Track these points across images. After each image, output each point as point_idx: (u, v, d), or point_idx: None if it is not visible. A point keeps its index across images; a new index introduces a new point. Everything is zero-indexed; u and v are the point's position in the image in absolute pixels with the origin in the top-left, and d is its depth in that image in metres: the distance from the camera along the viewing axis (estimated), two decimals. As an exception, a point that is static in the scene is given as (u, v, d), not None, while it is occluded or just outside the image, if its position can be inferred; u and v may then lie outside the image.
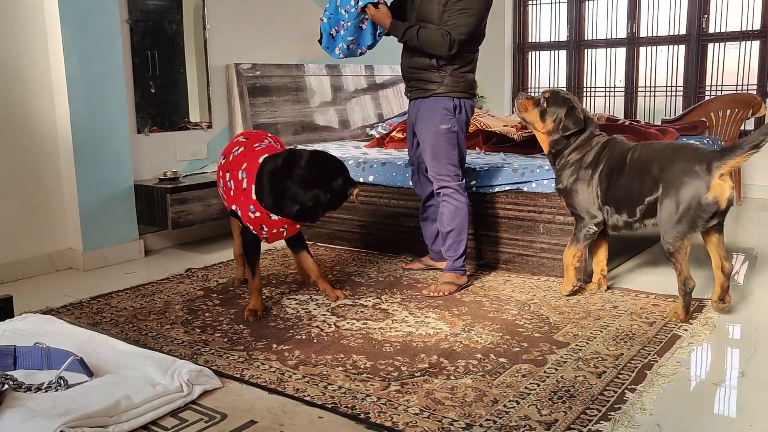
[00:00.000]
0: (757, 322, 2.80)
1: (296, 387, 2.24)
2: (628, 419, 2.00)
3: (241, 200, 2.85)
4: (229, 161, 2.98)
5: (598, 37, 6.42)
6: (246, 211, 2.85)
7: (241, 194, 2.85)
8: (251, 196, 2.81)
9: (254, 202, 2.81)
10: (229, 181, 2.94)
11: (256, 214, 2.83)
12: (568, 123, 2.98)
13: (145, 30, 4.13)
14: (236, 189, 2.89)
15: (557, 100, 3.02)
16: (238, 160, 2.94)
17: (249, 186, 2.82)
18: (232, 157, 2.98)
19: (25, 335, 2.22)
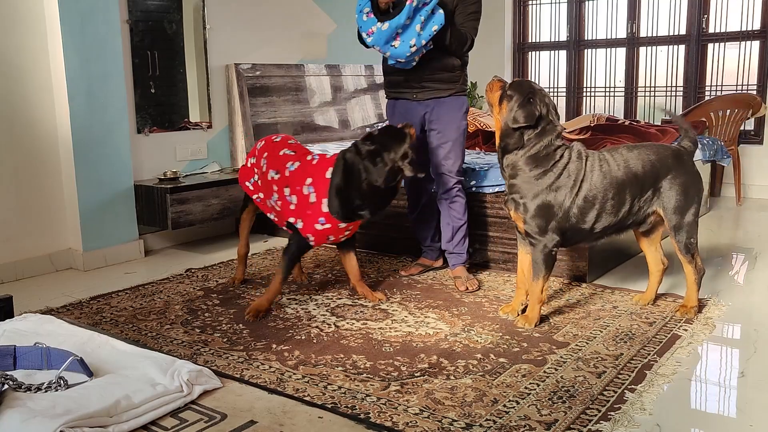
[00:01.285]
0: (757, 322, 2.81)
1: (296, 387, 2.24)
2: (627, 419, 2.00)
3: (307, 213, 2.91)
4: (285, 176, 2.99)
5: (598, 37, 6.42)
6: (312, 224, 2.90)
7: (308, 207, 2.91)
8: (321, 209, 2.87)
9: (325, 214, 2.87)
10: (290, 196, 2.96)
11: (325, 225, 2.89)
12: (519, 114, 2.65)
13: (145, 30, 4.13)
14: (300, 203, 2.93)
15: (520, 88, 2.71)
16: (297, 174, 2.97)
17: (318, 200, 2.88)
18: (288, 172, 2.99)
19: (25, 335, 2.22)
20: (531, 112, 2.65)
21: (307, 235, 2.93)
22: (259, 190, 3.16)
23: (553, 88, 6.66)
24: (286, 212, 3.00)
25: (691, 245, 2.83)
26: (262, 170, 3.12)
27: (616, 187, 2.75)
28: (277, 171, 3.04)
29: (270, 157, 3.11)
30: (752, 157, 5.58)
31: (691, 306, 2.87)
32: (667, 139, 4.10)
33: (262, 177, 3.11)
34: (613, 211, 2.77)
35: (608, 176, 2.75)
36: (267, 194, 3.10)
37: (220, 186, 4.15)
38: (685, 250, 2.83)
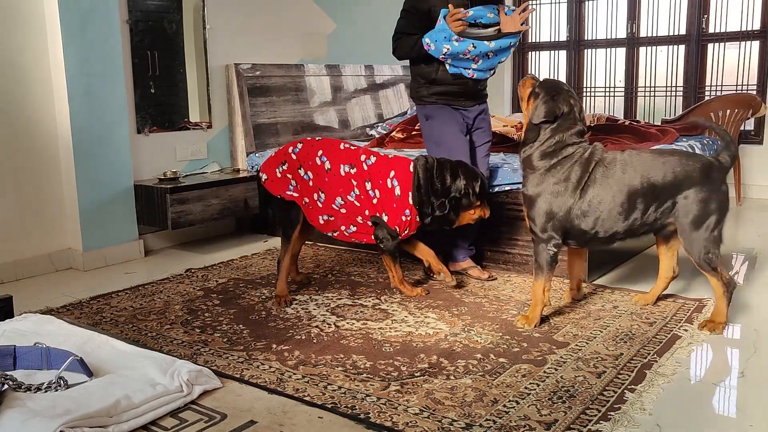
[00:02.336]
0: (757, 322, 2.81)
1: (296, 387, 2.24)
2: (627, 419, 2.00)
3: (393, 206, 2.98)
4: (363, 170, 3.02)
5: (598, 37, 6.42)
6: (399, 215, 2.98)
7: (393, 201, 2.98)
8: (407, 201, 2.98)
9: (410, 206, 2.98)
10: (372, 190, 3.01)
11: (409, 217, 2.99)
12: (540, 110, 2.74)
13: (145, 30, 4.13)
14: (384, 196, 2.99)
15: (546, 86, 2.81)
16: (379, 168, 3.02)
17: (404, 192, 2.98)
18: (366, 166, 3.03)
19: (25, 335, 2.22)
20: (551, 109, 2.73)
21: (395, 227, 3.00)
22: (305, 194, 3.08)
23: (553, 88, 6.66)
24: (367, 207, 3.02)
25: (709, 260, 2.67)
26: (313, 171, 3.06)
27: (628, 193, 2.68)
28: (353, 165, 3.03)
29: (331, 152, 3.07)
30: (752, 157, 5.58)
31: (718, 321, 2.70)
32: (667, 139, 4.10)
33: (318, 177, 3.05)
34: (622, 217, 2.70)
35: (620, 181, 2.69)
36: (332, 192, 3.04)
37: (220, 186, 4.15)
38: (704, 264, 2.69)
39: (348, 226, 3.09)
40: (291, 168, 3.08)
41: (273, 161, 3.14)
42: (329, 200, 3.05)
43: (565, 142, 2.74)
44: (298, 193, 3.08)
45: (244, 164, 4.58)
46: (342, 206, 3.05)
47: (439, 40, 3.17)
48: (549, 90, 2.79)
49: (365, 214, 3.03)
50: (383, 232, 3.02)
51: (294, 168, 3.08)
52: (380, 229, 3.03)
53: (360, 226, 3.07)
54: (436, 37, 3.18)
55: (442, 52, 3.19)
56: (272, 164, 3.13)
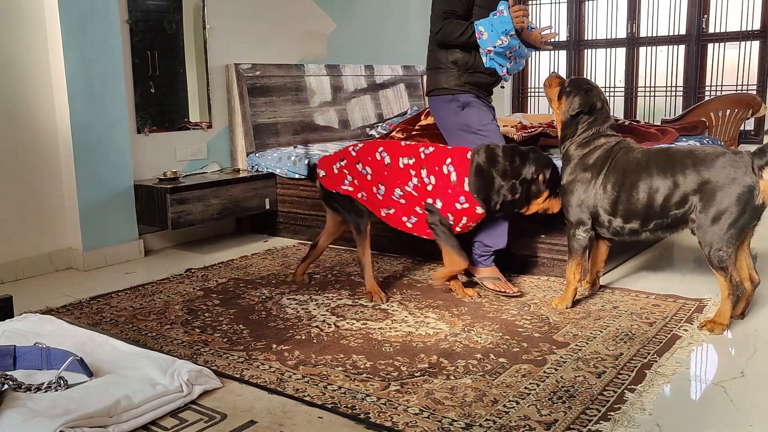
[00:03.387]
0: (756, 322, 2.80)
1: (296, 387, 2.24)
2: (627, 419, 2.00)
3: (447, 192, 2.93)
4: (421, 159, 3.00)
5: (597, 37, 6.42)
6: (452, 203, 2.93)
7: (448, 186, 2.93)
8: (463, 188, 2.91)
9: (466, 193, 2.91)
10: (428, 176, 2.97)
11: (464, 205, 2.93)
12: (575, 102, 2.93)
13: (145, 30, 4.14)
14: (440, 182, 2.95)
15: (579, 84, 3.02)
16: (435, 155, 2.99)
17: (460, 178, 2.92)
18: (424, 155, 3.00)
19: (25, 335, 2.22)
20: (587, 100, 2.94)
21: (448, 215, 2.94)
22: (363, 189, 3.10)
23: (553, 88, 6.66)
24: (423, 194, 2.98)
25: (719, 258, 2.65)
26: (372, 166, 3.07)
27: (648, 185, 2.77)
28: (411, 156, 3.02)
29: (391, 148, 3.07)
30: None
31: (719, 322, 2.67)
32: (666, 139, 4.10)
33: (378, 172, 3.06)
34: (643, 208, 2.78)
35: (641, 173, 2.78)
36: (391, 184, 3.04)
37: (220, 186, 4.15)
38: (713, 261, 2.67)
39: (408, 217, 3.06)
40: (349, 164, 3.11)
41: (331, 158, 3.18)
42: (389, 192, 3.05)
43: (601, 133, 2.94)
44: (354, 188, 3.10)
45: (244, 164, 4.59)
46: (401, 197, 3.04)
47: (495, 31, 3.05)
48: (582, 84, 3.00)
49: (422, 204, 2.99)
50: (434, 218, 2.97)
51: (352, 164, 3.10)
52: (433, 215, 2.98)
53: (420, 216, 3.03)
54: (493, 27, 3.06)
55: (493, 44, 3.07)
56: (330, 161, 3.17)
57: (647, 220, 2.82)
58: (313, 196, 4.32)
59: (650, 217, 2.81)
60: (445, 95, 3.27)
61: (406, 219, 3.07)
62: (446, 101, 3.27)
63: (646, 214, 2.80)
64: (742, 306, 2.81)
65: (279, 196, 4.47)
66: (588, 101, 2.94)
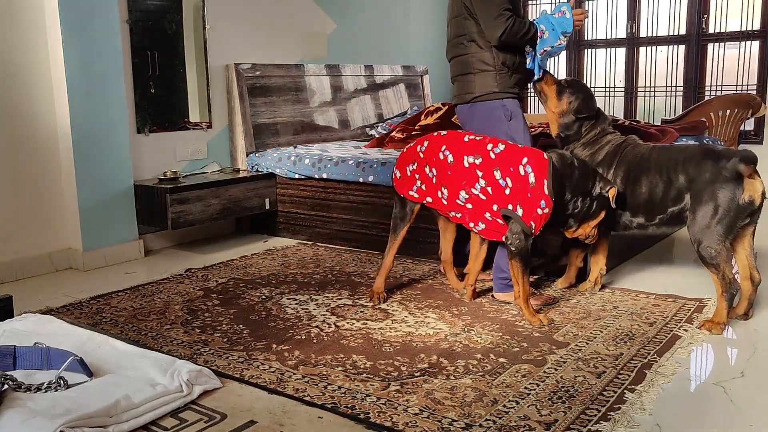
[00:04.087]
0: (756, 322, 2.80)
1: (296, 387, 2.24)
2: (627, 419, 2.00)
3: (527, 197, 2.69)
4: (491, 159, 2.76)
5: (597, 37, 6.42)
6: (534, 208, 2.71)
7: (527, 190, 2.70)
8: (543, 191, 2.68)
9: (546, 197, 2.69)
10: (503, 179, 2.73)
11: (545, 210, 2.71)
12: (582, 106, 3.02)
13: (145, 30, 4.13)
14: (517, 186, 2.71)
15: (578, 86, 3.11)
16: (508, 154, 2.75)
17: (539, 180, 2.69)
18: (494, 154, 2.77)
19: (25, 335, 2.22)
20: (593, 106, 3.06)
21: (530, 223, 2.70)
22: (429, 193, 2.95)
23: (553, 88, 6.66)
24: (497, 199, 2.75)
25: (708, 254, 2.68)
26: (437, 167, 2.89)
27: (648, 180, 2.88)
28: (477, 155, 2.79)
29: (454, 145, 2.87)
30: (752, 157, 5.57)
31: (717, 322, 2.69)
32: (666, 139, 4.10)
33: (441, 173, 2.88)
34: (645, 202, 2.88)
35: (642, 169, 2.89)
36: (455, 186, 2.85)
37: (220, 186, 4.15)
38: (703, 257, 2.71)
39: (476, 223, 2.85)
40: (419, 167, 2.97)
41: (405, 159, 3.04)
42: (453, 195, 2.86)
43: (606, 131, 3.06)
44: (420, 194, 2.98)
45: (244, 164, 4.59)
46: (467, 200, 2.83)
47: (555, 31, 2.95)
48: (584, 88, 3.11)
49: (493, 210, 2.76)
50: (517, 228, 2.72)
51: (422, 167, 2.96)
52: (514, 224, 2.72)
53: (489, 223, 2.81)
54: (553, 27, 2.98)
55: (552, 45, 2.99)
56: (404, 162, 3.04)
57: (651, 215, 2.91)
58: (313, 196, 4.32)
59: (653, 211, 2.90)
60: (493, 101, 3.02)
61: (474, 225, 2.88)
62: (495, 108, 3.03)
63: (649, 209, 2.89)
64: (745, 306, 2.81)
65: (279, 196, 4.47)
66: (592, 107, 3.05)
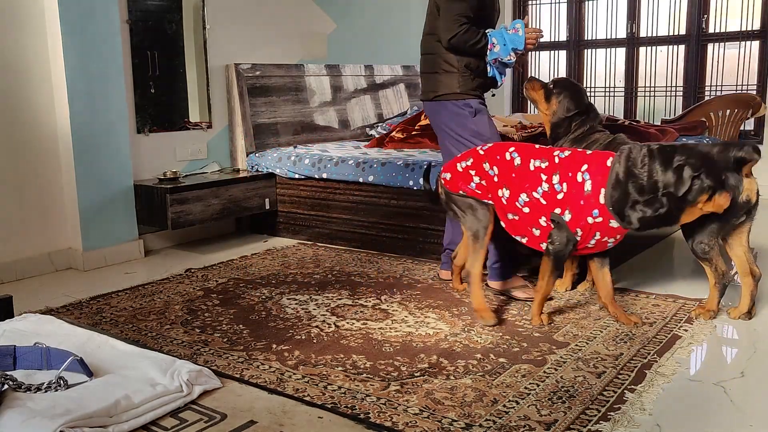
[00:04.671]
0: (756, 322, 2.80)
1: (296, 387, 2.24)
2: (627, 419, 2.00)
3: (579, 204, 2.63)
4: (554, 164, 2.70)
5: (597, 37, 6.42)
6: (584, 216, 2.62)
7: (581, 197, 2.62)
8: (598, 200, 2.60)
9: (601, 206, 2.60)
10: (560, 183, 2.66)
11: (597, 219, 2.61)
12: (570, 104, 3.08)
13: (145, 30, 4.13)
14: (572, 191, 2.64)
15: (565, 84, 3.17)
16: (570, 160, 2.69)
17: (595, 189, 2.60)
18: (558, 159, 2.71)
19: (25, 335, 2.22)
20: (581, 102, 3.11)
21: (576, 230, 2.64)
22: (491, 190, 2.84)
23: (553, 88, 6.66)
24: (551, 203, 2.67)
25: (702, 250, 2.74)
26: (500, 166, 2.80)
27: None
28: (544, 159, 2.73)
29: (524, 150, 2.81)
30: (752, 157, 5.57)
31: (708, 309, 2.80)
32: (666, 139, 4.10)
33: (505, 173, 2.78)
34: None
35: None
36: (517, 188, 2.76)
37: (220, 186, 4.15)
38: (697, 252, 2.76)
39: (531, 228, 2.78)
40: (476, 163, 2.86)
41: (456, 159, 2.96)
42: (513, 197, 2.78)
43: (594, 128, 3.11)
44: (481, 190, 2.84)
45: (244, 164, 4.59)
46: (525, 204, 2.74)
47: (507, 46, 3.06)
48: (571, 85, 3.16)
49: (548, 215, 2.69)
50: (558, 234, 2.65)
51: (479, 163, 2.85)
52: (557, 230, 2.66)
53: (543, 229, 2.74)
54: (505, 41, 3.06)
55: (502, 58, 3.08)
56: (455, 161, 2.94)
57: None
58: (313, 196, 4.32)
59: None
60: (457, 100, 3.16)
61: (530, 229, 2.79)
62: (458, 106, 3.17)
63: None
64: (748, 303, 2.81)
65: (279, 196, 4.47)
66: (581, 101, 3.11)
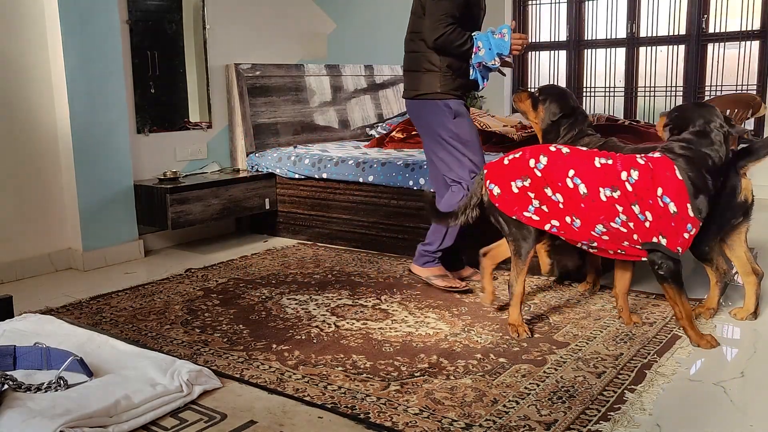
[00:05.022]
0: (756, 322, 2.80)
1: (296, 387, 2.24)
2: (627, 419, 2.00)
3: (671, 226, 2.54)
4: (628, 192, 2.53)
5: (597, 37, 6.42)
6: (680, 234, 2.54)
7: (671, 220, 2.53)
8: (687, 215, 2.52)
9: (692, 219, 2.52)
10: (642, 213, 2.53)
11: (692, 231, 2.55)
12: (555, 107, 3.07)
13: (145, 30, 4.13)
14: (659, 219, 2.53)
15: (550, 90, 3.17)
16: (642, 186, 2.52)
17: (681, 208, 2.51)
18: (630, 186, 2.53)
19: (25, 335, 2.22)
20: (566, 104, 3.08)
21: (677, 249, 2.56)
22: (556, 217, 2.61)
23: (553, 88, 6.66)
24: (638, 233, 2.56)
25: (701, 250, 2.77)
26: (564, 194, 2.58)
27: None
28: (614, 187, 2.54)
29: (584, 172, 2.57)
30: (752, 157, 5.57)
31: (708, 307, 2.84)
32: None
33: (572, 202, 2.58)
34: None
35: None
36: (591, 220, 2.57)
37: (220, 186, 4.15)
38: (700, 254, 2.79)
39: (615, 250, 2.66)
40: (535, 186, 2.60)
41: (508, 172, 2.65)
42: (587, 227, 2.60)
43: (584, 132, 3.07)
44: (540, 216, 2.62)
45: (244, 164, 4.59)
46: (604, 233, 2.60)
47: (492, 51, 3.05)
48: (556, 90, 3.16)
49: (633, 239, 2.58)
50: (662, 257, 2.56)
51: (539, 186, 2.59)
52: (659, 253, 2.56)
53: (628, 249, 2.64)
54: (491, 46, 3.05)
55: (486, 62, 3.07)
56: (507, 175, 2.65)
57: None
58: (313, 196, 4.32)
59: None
60: (437, 99, 3.16)
61: (613, 252, 2.68)
62: (438, 105, 3.16)
63: None
64: (753, 301, 2.81)
65: (279, 196, 4.47)
66: (567, 104, 3.08)
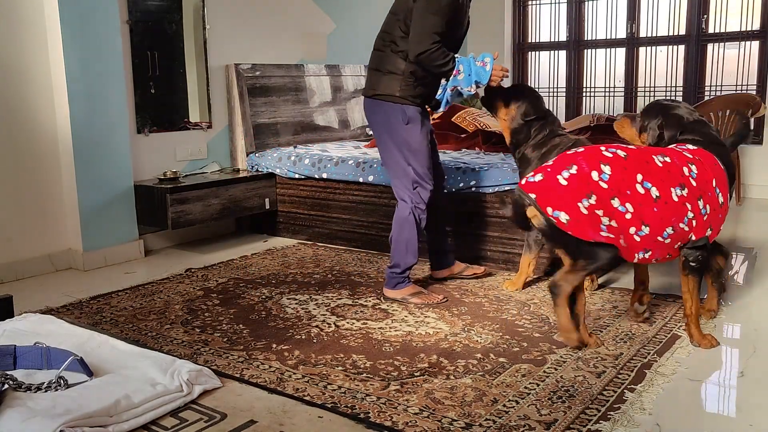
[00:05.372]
0: (756, 322, 2.81)
1: (296, 387, 2.24)
2: (627, 419, 2.00)
3: (718, 218, 2.56)
4: (694, 188, 2.47)
5: (597, 37, 6.42)
6: (720, 225, 2.59)
7: (719, 211, 2.55)
8: (728, 204, 2.60)
9: (727, 208, 2.62)
10: (704, 207, 2.50)
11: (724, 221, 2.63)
12: (529, 109, 3.08)
13: (145, 30, 4.13)
14: (713, 210, 2.53)
15: (522, 90, 3.21)
16: (703, 179, 2.50)
17: (725, 197, 2.57)
18: (694, 182, 2.47)
19: (25, 335, 2.22)
20: (539, 107, 3.12)
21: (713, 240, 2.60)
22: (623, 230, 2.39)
23: (553, 89, 6.66)
24: (699, 227, 2.51)
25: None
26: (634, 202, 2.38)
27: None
28: (683, 185, 2.45)
29: (651, 174, 2.41)
30: (752, 157, 5.58)
31: (708, 309, 2.85)
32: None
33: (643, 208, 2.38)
34: None
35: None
36: (662, 223, 2.42)
37: (220, 186, 4.15)
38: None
39: (664, 256, 2.55)
40: (601, 200, 2.34)
41: (572, 193, 2.34)
42: (656, 232, 2.42)
43: (555, 132, 3.09)
44: (614, 233, 2.37)
45: (244, 164, 4.59)
46: (670, 236, 2.47)
47: (470, 77, 2.96)
48: (528, 91, 3.19)
49: (689, 238, 2.52)
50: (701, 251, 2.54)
51: (605, 199, 2.34)
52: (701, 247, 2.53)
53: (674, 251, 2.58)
54: (470, 72, 2.97)
55: (462, 87, 3.00)
56: (572, 197, 2.34)
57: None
58: (313, 195, 4.32)
59: None
60: (394, 103, 3.07)
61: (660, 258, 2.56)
62: (393, 109, 3.08)
63: None
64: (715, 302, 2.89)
65: (279, 196, 4.47)
66: (540, 107, 3.12)
